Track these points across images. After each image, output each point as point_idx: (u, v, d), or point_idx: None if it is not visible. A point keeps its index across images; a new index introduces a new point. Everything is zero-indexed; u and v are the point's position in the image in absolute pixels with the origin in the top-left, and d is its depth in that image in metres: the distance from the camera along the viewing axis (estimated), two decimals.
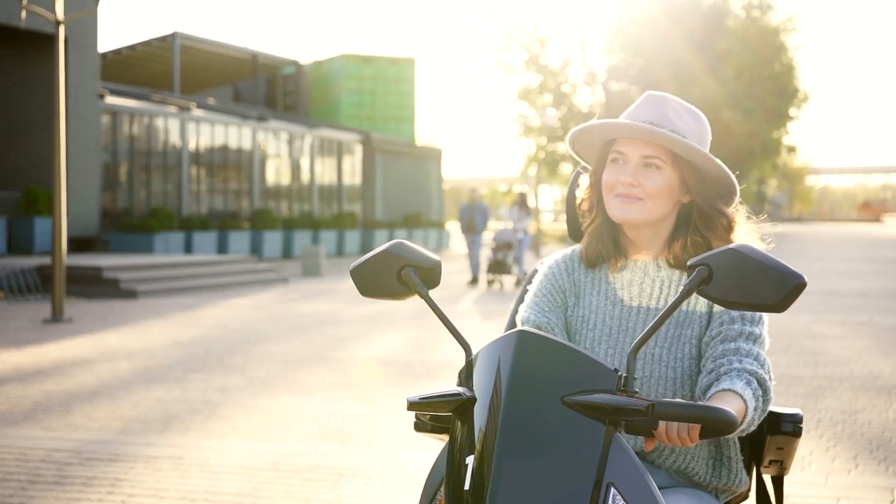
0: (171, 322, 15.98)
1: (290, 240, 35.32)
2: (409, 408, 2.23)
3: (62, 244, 16.31)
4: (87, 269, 21.65)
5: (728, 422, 2.04)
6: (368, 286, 2.54)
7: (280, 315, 16.88)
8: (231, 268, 25.83)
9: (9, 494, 5.93)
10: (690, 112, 2.72)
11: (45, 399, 9.16)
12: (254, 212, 35.29)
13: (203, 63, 44.61)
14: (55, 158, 16.39)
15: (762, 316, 2.62)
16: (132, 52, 42.41)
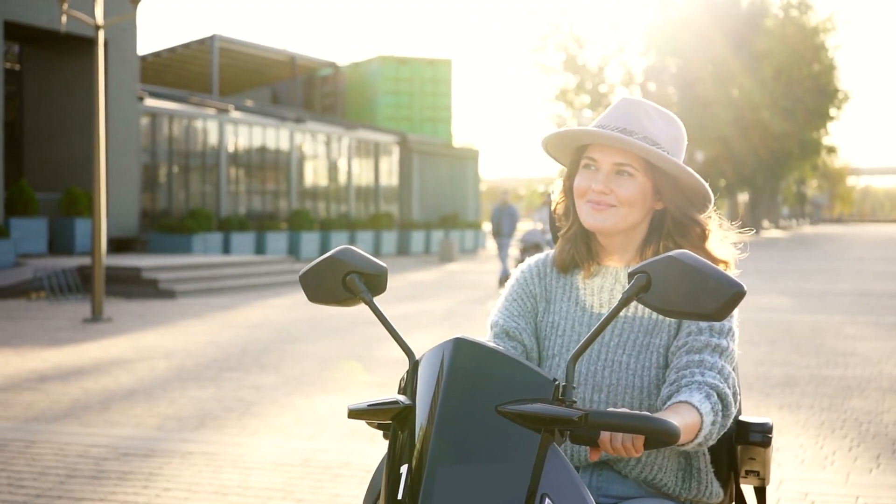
0: (208, 322, 16.21)
1: (327, 240, 35.54)
2: (350, 415, 2.20)
3: (102, 245, 16.57)
4: (126, 270, 21.94)
5: (669, 433, 1.99)
6: (315, 292, 2.52)
7: (316, 315, 17.06)
8: (268, 268, 26.07)
9: (48, 488, 6.12)
10: (665, 117, 2.67)
11: (84, 396, 9.37)
12: (291, 213, 35.55)
13: (241, 65, 44.94)
14: (95, 160, 16.65)
15: (731, 328, 2.59)
16: (171, 54, 42.79)
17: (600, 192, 2.60)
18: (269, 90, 49.48)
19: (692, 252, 2.55)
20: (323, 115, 44.70)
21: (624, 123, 2.62)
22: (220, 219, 32.35)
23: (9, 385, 10.01)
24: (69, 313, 17.62)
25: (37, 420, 8.25)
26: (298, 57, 45.99)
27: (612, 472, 2.61)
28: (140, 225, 30.48)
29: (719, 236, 2.72)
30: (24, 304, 19.84)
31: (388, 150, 42.76)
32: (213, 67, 40.56)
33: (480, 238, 46.15)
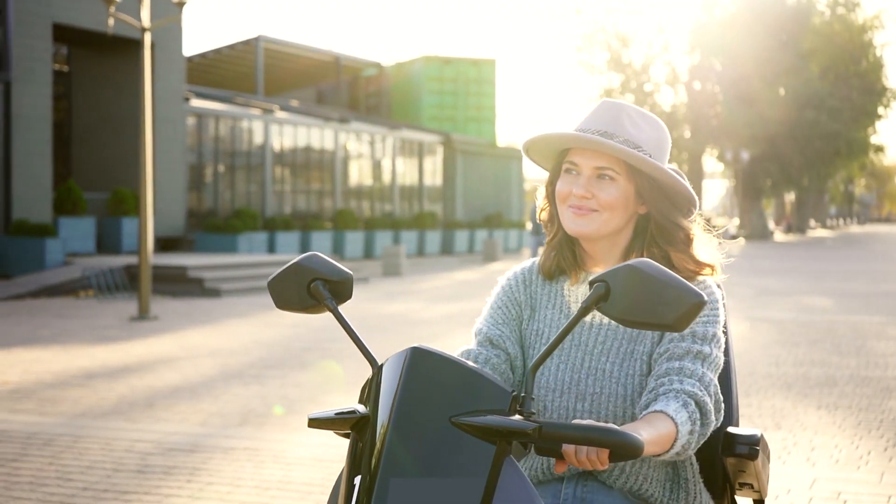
0: (252, 321, 16.39)
1: (372, 240, 35.72)
2: (310, 425, 2.18)
3: (148, 244, 16.81)
4: (172, 269, 22.20)
5: (629, 445, 1.96)
6: (282, 299, 2.49)
7: (360, 314, 17.20)
8: None
9: (95, 481, 6.29)
10: (648, 120, 2.62)
11: (130, 393, 9.55)
12: (336, 212, 35.76)
13: (286, 65, 45.22)
14: (142, 160, 16.89)
15: (716, 333, 2.54)
16: (217, 55, 43.14)
17: (581, 197, 2.56)
18: (313, 90, 49.76)
19: (664, 260, 2.61)
20: (367, 115, 44.91)
21: (605, 126, 2.57)
22: (266, 218, 32.61)
23: (57, 381, 10.22)
24: (116, 312, 17.87)
25: (84, 416, 8.43)
26: (343, 57, 46.22)
27: (596, 483, 2.56)
28: (186, 224, 30.78)
29: (705, 240, 2.69)
30: (72, 302, 20.14)
31: (432, 150, 42.90)
32: (258, 68, 40.85)
33: (524, 237, 46.20)
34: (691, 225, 2.64)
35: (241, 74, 44.40)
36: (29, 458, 6.89)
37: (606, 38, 61.80)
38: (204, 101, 32.36)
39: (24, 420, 8.25)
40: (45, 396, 9.38)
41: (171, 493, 6.03)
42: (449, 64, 47.69)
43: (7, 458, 6.90)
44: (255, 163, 34.11)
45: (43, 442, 7.42)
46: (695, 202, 2.62)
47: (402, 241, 36.80)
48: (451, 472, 1.94)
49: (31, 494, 5.98)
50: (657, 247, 2.62)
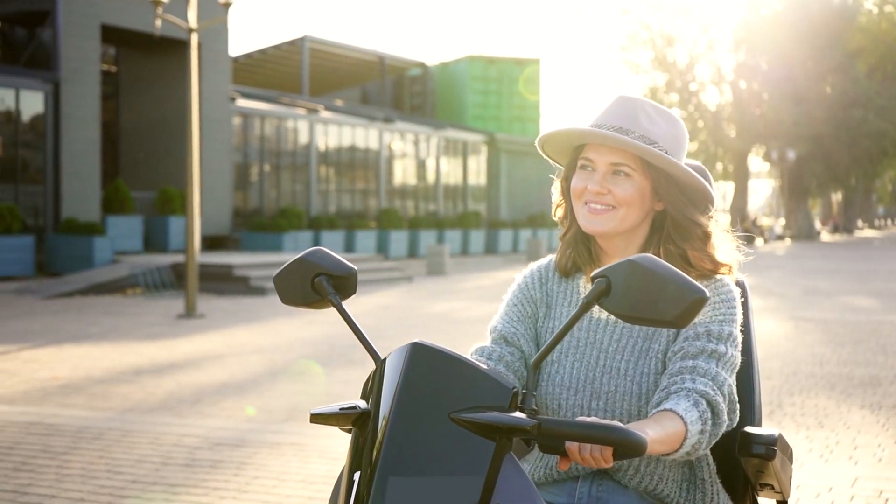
0: (297, 319, 16.52)
1: (416, 239, 35.83)
2: (312, 420, 2.16)
3: (195, 243, 16.99)
4: (218, 267, 22.40)
5: (631, 442, 1.93)
6: (286, 294, 2.48)
7: (404, 313, 17.29)
8: (357, 266, 26.29)
9: (144, 474, 6.40)
10: (665, 116, 2.58)
11: (178, 389, 9.69)
12: (380, 211, 35.90)
13: (331, 66, 45.43)
14: (189, 160, 17.07)
15: (732, 332, 2.49)
16: (262, 55, 43.41)
17: (597, 193, 2.53)
18: (358, 90, 49.96)
19: (681, 258, 2.57)
20: (412, 115, 45.05)
21: (620, 122, 2.54)
22: (311, 217, 32.82)
23: (106, 377, 10.38)
24: (163, 309, 18.07)
25: (133, 411, 8.57)
26: (388, 57, 46.36)
27: (612, 483, 2.54)
28: (232, 223, 31.04)
29: (723, 238, 2.64)
30: (120, 299, 20.38)
31: (477, 150, 42.96)
32: (303, 68, 41.08)
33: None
34: (709, 222, 2.60)
35: (286, 74, 44.64)
36: (79, 451, 7.03)
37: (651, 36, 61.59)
38: (250, 101, 32.60)
39: (75, 414, 8.39)
40: (95, 392, 9.54)
41: (219, 487, 6.13)
42: (493, 63, 47.74)
43: (58, 451, 7.04)
44: (300, 162, 34.33)
45: (93, 436, 7.55)
46: (712, 199, 2.58)
47: (446, 240, 36.89)
48: (451, 469, 1.92)
49: (81, 486, 6.11)
50: (674, 244, 2.58)
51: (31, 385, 9.89)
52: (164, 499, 5.88)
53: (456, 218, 39.48)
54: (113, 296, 21.22)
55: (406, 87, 49.85)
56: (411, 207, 39.29)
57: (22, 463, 6.67)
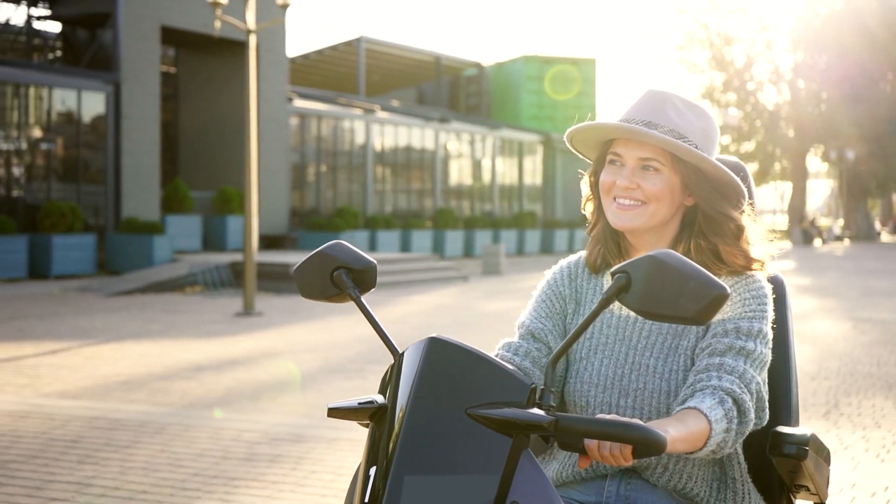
0: (353, 317, 16.62)
1: (471, 239, 35.90)
2: (329, 414, 2.15)
3: (253, 242, 17.17)
4: (276, 266, 22.59)
5: (650, 441, 1.90)
6: (306, 288, 2.47)
7: (459, 312, 17.37)
8: (413, 265, 26.50)
9: (205, 468, 6.53)
10: (695, 110, 2.55)
11: (237, 385, 9.83)
12: (436, 211, 36.02)
13: (387, 66, 45.64)
14: (247, 160, 17.24)
15: (762, 329, 2.44)
16: (319, 56, 43.70)
17: (625, 188, 2.50)
18: (414, 90, 50.14)
19: (712, 253, 2.53)
20: (467, 115, 45.13)
21: (649, 116, 2.51)
22: (367, 217, 32.99)
23: (167, 374, 10.55)
24: (222, 307, 18.27)
25: (193, 406, 8.71)
26: (443, 57, 46.49)
27: (640, 481, 2.51)
28: (289, 223, 31.28)
29: (756, 233, 2.58)
30: (179, 297, 20.63)
31: (532, 150, 42.96)
32: (359, 68, 41.30)
33: None
34: (741, 216, 2.54)
35: (343, 75, 44.91)
36: (141, 445, 7.17)
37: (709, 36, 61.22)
38: (307, 101, 32.85)
39: (136, 409, 8.55)
40: (156, 387, 9.70)
41: (277, 481, 6.23)
42: (549, 63, 47.69)
43: (121, 444, 7.18)
44: (356, 162, 34.52)
45: (154, 430, 7.70)
46: (744, 194, 2.52)
47: (502, 240, 36.93)
48: (467, 465, 1.90)
49: (144, 479, 6.24)
50: (705, 239, 2.53)
51: (93, 381, 10.07)
52: (225, 492, 5.99)
53: (511, 218, 39.51)
54: (172, 294, 21.48)
55: (462, 88, 49.95)
56: (467, 207, 39.38)
57: (86, 456, 6.83)
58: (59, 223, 23.92)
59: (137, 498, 5.83)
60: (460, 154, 39.82)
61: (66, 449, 7.03)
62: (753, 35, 61.75)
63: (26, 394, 9.29)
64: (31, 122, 26.39)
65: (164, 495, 5.90)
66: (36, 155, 26.52)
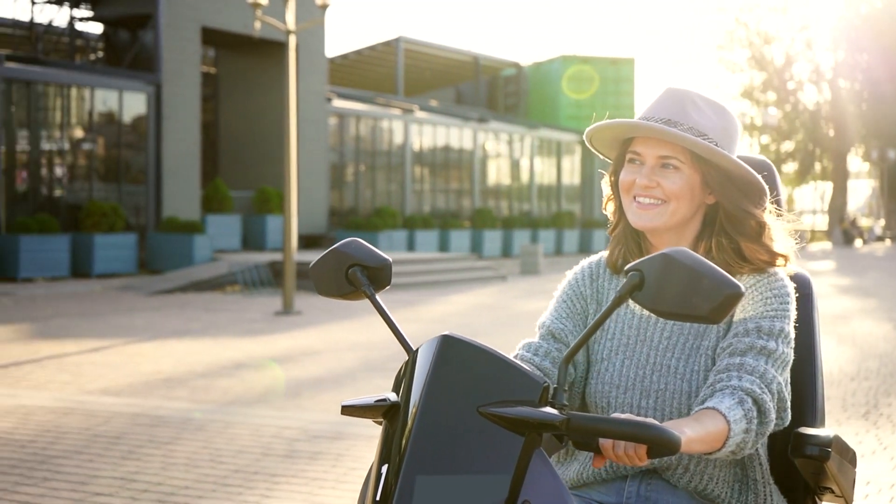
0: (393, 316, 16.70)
1: (510, 239, 35.92)
2: (343, 412, 2.16)
3: (292, 241, 17.27)
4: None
5: (664, 441, 1.88)
6: (321, 285, 2.46)
7: (497, 311, 17.40)
8: (451, 265, 26.55)
9: (245, 464, 6.61)
10: (715, 108, 2.53)
11: (276, 383, 9.92)
12: (474, 211, 36.07)
13: (426, 66, 45.72)
14: (286, 160, 17.35)
15: (783, 328, 2.41)
16: (358, 56, 43.85)
17: (645, 187, 2.47)
18: (452, 90, 50.20)
19: (735, 251, 2.50)
20: (506, 115, 45.15)
21: (668, 114, 2.48)
22: (405, 217, 33.08)
23: (208, 371, 10.65)
24: (261, 306, 18.40)
25: (233, 404, 8.80)
26: (482, 57, 46.53)
27: (661, 482, 2.49)
28: (328, 222, 31.42)
29: (778, 229, 2.55)
30: (219, 296, 20.79)
31: (571, 150, 42.93)
32: (398, 68, 41.41)
33: None
34: (763, 213, 2.51)
35: (381, 75, 45.04)
36: (183, 441, 7.26)
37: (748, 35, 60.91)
38: (345, 101, 32.99)
39: (178, 406, 8.65)
40: (197, 385, 9.80)
41: (318, 477, 6.30)
42: (587, 63, 47.62)
43: (163, 440, 7.28)
44: (395, 162, 34.63)
45: (196, 427, 7.79)
46: (765, 191, 2.49)
47: (540, 239, 36.92)
48: (478, 464, 1.89)
49: (186, 475, 6.32)
50: (727, 237, 2.50)
51: (135, 378, 10.19)
52: (266, 488, 6.07)
53: (550, 218, 39.49)
54: (212, 293, 21.65)
55: (500, 88, 49.95)
56: (505, 207, 39.40)
57: (129, 452, 6.92)
58: (100, 223, 24.15)
59: (180, 493, 5.92)
60: (498, 154, 39.85)
61: (109, 445, 7.13)
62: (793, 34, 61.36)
63: (70, 391, 9.42)
64: (74, 122, 26.66)
65: (206, 491, 5.98)
66: (78, 155, 26.79)
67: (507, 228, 36.35)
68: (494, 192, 39.23)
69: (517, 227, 36.64)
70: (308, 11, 26.13)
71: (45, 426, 7.78)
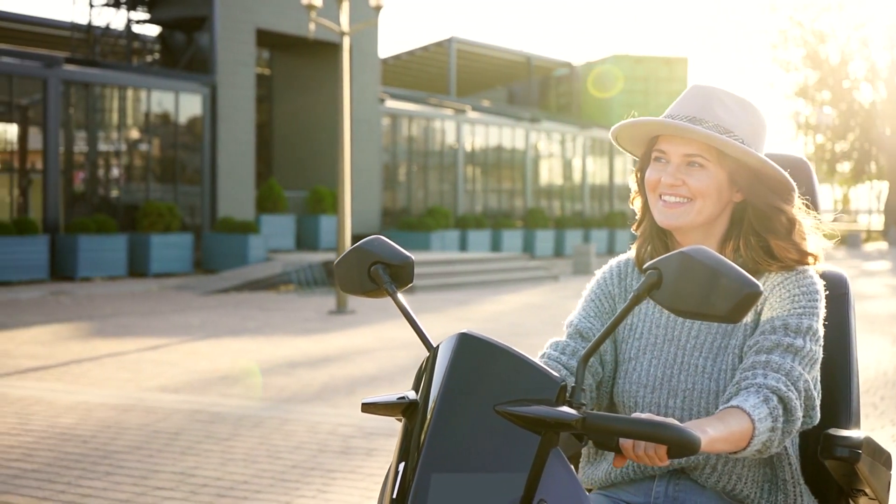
0: (445, 315, 16.80)
1: (562, 238, 35.92)
2: (363, 409, 2.17)
3: (346, 241, 17.40)
4: None
5: (681, 440, 1.88)
6: (344, 282, 2.46)
7: (548, 311, 17.43)
8: (504, 265, 26.60)
9: (302, 460, 6.72)
10: (742, 104, 2.50)
11: (332, 381, 10.03)
12: (526, 211, 36.11)
13: (478, 66, 45.78)
14: (340, 160, 17.49)
15: (811, 326, 2.38)
16: (410, 56, 43.99)
17: (671, 185, 2.46)
18: (505, 90, 50.22)
19: (764, 250, 2.48)
20: (558, 115, 45.12)
21: (694, 112, 2.47)
22: (457, 217, 33.17)
23: (263, 369, 10.80)
24: (315, 305, 18.55)
25: (289, 401, 8.93)
26: (534, 58, 46.53)
27: (689, 482, 2.48)
28: (381, 222, 31.59)
29: (810, 225, 2.52)
30: (273, 296, 20.98)
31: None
32: (450, 69, 41.50)
33: None
34: (792, 209, 2.47)
35: (433, 75, 45.16)
36: (241, 438, 7.39)
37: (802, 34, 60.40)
38: (398, 101, 33.13)
39: (235, 403, 8.79)
40: (253, 383, 9.94)
41: (373, 473, 6.40)
42: (640, 63, 47.46)
43: (221, 437, 7.41)
44: (447, 162, 34.73)
45: (253, 423, 7.92)
46: (793, 188, 2.46)
47: (593, 239, 36.89)
48: (495, 463, 1.88)
49: (244, 470, 6.44)
50: (755, 235, 2.48)
51: (193, 375, 10.36)
52: (323, 483, 6.17)
53: (602, 217, 39.44)
54: (266, 292, 21.85)
55: (552, 87, 49.91)
56: (557, 207, 39.40)
57: (188, 447, 7.06)
58: (157, 223, 24.47)
59: (238, 488, 6.04)
60: (551, 154, 39.85)
61: (168, 441, 7.27)
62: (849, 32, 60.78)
63: (129, 388, 9.59)
64: (130, 123, 26.99)
65: (264, 486, 6.10)
66: (134, 156, 27.12)
67: (559, 228, 36.36)
68: (547, 191, 39.24)
69: (569, 227, 36.64)
70: (362, 13, 26.28)
71: (107, 422, 7.95)
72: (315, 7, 17.41)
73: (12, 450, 6.98)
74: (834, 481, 2.58)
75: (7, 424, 7.83)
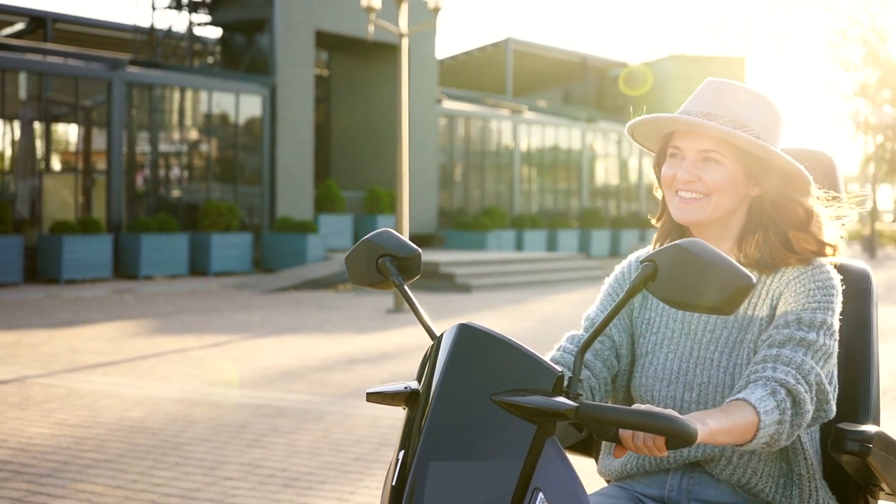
0: (501, 314, 16.95)
1: (618, 238, 35.91)
2: (368, 399, 2.20)
3: None
4: (425, 265, 22.78)
5: (677, 431, 1.90)
6: (353, 274, 2.50)
7: None
8: (559, 265, 26.69)
9: (364, 453, 6.91)
10: (758, 99, 2.50)
11: (391, 378, 10.23)
12: (582, 211, 36.14)
13: (534, 67, 45.82)
14: (398, 160, 17.69)
15: (825, 320, 2.37)
16: (467, 57, 44.13)
17: (687, 181, 2.47)
18: (561, 91, 50.18)
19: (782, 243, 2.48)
20: (614, 115, 45.08)
21: (708, 107, 2.49)
22: (514, 216, 33.28)
23: (324, 366, 11.02)
24: (373, 304, 18.77)
25: (350, 396, 9.13)
26: (590, 58, 46.50)
27: (704, 475, 2.50)
28: (437, 222, 31.76)
29: (827, 218, 2.53)
30: (331, 295, 21.24)
31: None
32: (507, 69, 41.59)
33: None
34: (810, 201, 2.48)
35: (490, 76, 45.24)
36: (304, 431, 7.60)
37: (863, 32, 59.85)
38: (455, 102, 33.30)
39: (297, 398, 9.01)
40: (314, 378, 10.16)
41: None
42: (697, 62, 47.25)
43: (285, 430, 7.63)
44: (503, 162, 34.86)
45: (315, 417, 8.13)
46: (809, 181, 2.46)
47: (649, 240, 36.62)
48: (491, 451, 1.92)
49: (309, 462, 6.65)
50: (774, 228, 2.48)
51: (255, 371, 10.60)
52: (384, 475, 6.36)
53: None
54: (325, 291, 22.11)
55: (608, 87, 49.82)
56: (613, 207, 39.39)
57: (254, 440, 7.28)
58: (217, 222, 24.82)
59: (303, 479, 6.24)
60: (607, 154, 39.86)
61: (235, 433, 7.50)
62: None
63: (195, 383, 9.85)
64: (191, 124, 27.39)
65: (329, 477, 6.30)
66: (195, 156, 27.51)
67: (615, 228, 36.35)
68: (602, 191, 39.25)
69: (625, 227, 36.63)
70: (420, 14, 26.49)
71: (174, 416, 8.19)
72: (374, 9, 17.62)
73: (85, 441, 7.23)
74: (851, 476, 2.58)
75: (79, 417, 8.10)
